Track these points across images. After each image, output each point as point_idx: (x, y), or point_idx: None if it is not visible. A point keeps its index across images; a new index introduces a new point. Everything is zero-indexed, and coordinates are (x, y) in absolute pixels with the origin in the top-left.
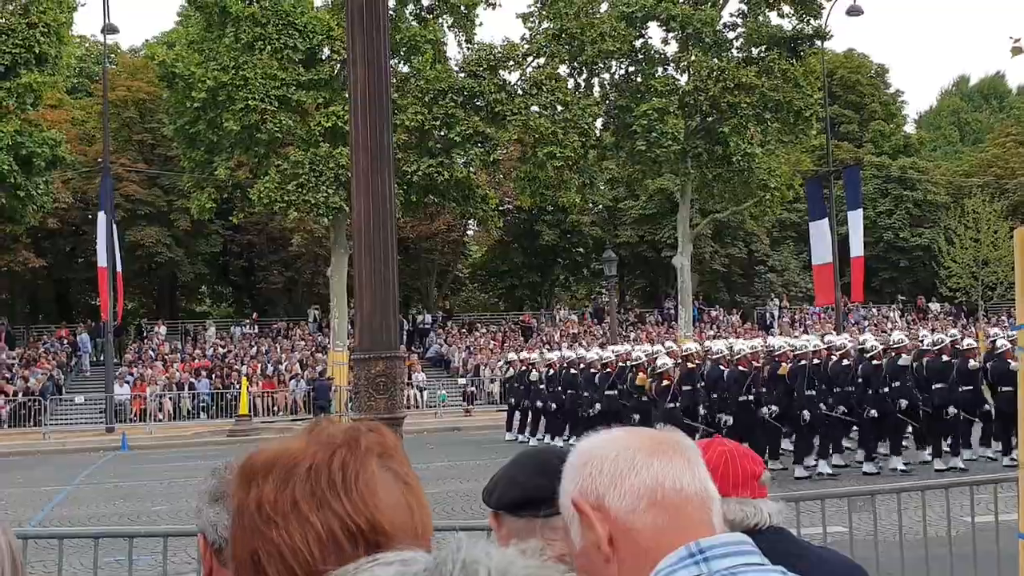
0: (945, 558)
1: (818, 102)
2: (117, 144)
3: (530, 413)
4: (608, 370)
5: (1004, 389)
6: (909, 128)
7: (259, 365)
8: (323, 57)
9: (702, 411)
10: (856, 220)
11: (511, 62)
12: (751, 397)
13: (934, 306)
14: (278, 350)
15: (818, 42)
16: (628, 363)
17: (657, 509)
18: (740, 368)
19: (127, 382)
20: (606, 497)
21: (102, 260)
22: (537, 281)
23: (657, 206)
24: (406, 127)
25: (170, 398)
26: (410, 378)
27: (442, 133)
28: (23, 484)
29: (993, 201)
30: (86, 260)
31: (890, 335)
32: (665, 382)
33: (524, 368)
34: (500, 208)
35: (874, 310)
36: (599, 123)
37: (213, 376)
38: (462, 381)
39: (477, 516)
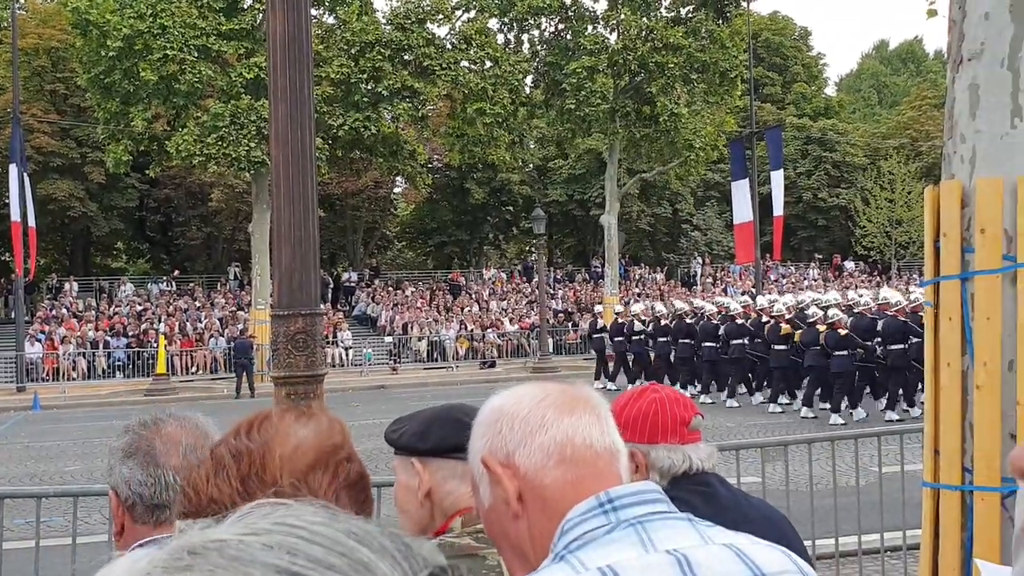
0: (853, 507)
1: (743, 63)
2: (28, 94)
3: (630, 361)
4: (739, 321)
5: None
6: (830, 91)
7: (177, 323)
8: (244, 6)
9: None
10: (778, 180)
11: (440, 15)
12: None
13: (849, 264)
14: (197, 308)
15: (744, 3)
16: (765, 314)
17: (567, 465)
18: (899, 318)
19: (38, 340)
20: (515, 454)
21: (15, 214)
22: (466, 239)
23: (586, 165)
24: (331, 80)
25: (84, 357)
26: (335, 337)
27: (369, 87)
28: None
29: (908, 163)
30: None
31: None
32: (842, 332)
33: (626, 320)
34: (429, 165)
35: (792, 268)
36: (529, 80)
37: (130, 334)
38: (389, 339)
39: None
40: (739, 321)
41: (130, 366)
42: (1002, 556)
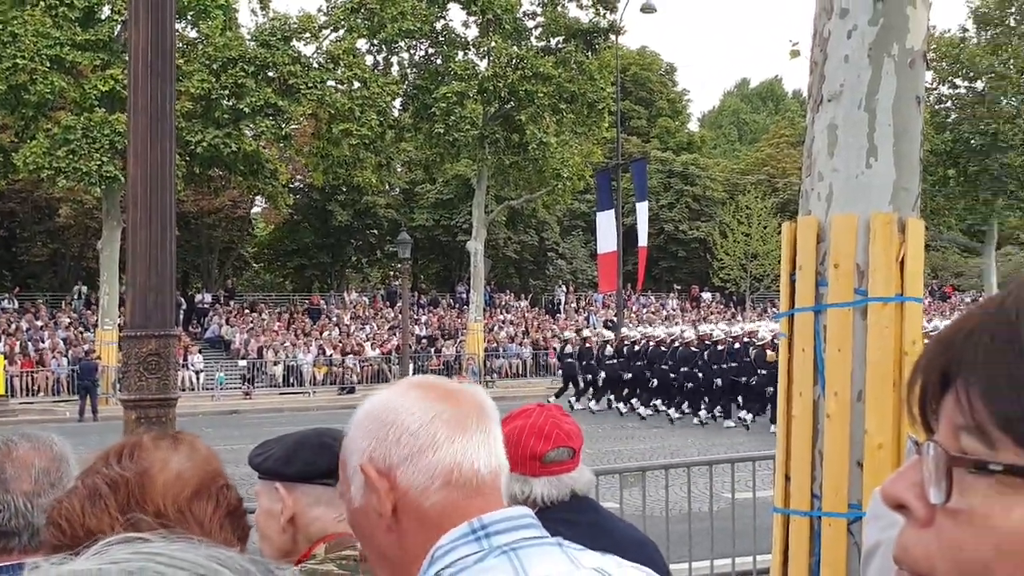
0: (707, 532)
1: (610, 96)
2: None
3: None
4: (720, 347)
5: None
6: (693, 126)
7: (18, 342)
8: (102, 16)
9: None
10: (642, 212)
11: (307, 34)
12: None
13: (706, 295)
14: (40, 327)
15: (612, 36)
16: (750, 341)
17: (450, 489)
18: None
19: None
20: (398, 468)
21: None
22: (328, 262)
23: (454, 191)
24: (191, 95)
25: None
26: (186, 359)
27: (231, 103)
28: None
29: (765, 198)
30: None
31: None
32: None
33: (591, 344)
34: (291, 185)
35: (652, 298)
36: (398, 103)
37: None
38: (243, 363)
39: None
40: (720, 347)
41: None
42: None
